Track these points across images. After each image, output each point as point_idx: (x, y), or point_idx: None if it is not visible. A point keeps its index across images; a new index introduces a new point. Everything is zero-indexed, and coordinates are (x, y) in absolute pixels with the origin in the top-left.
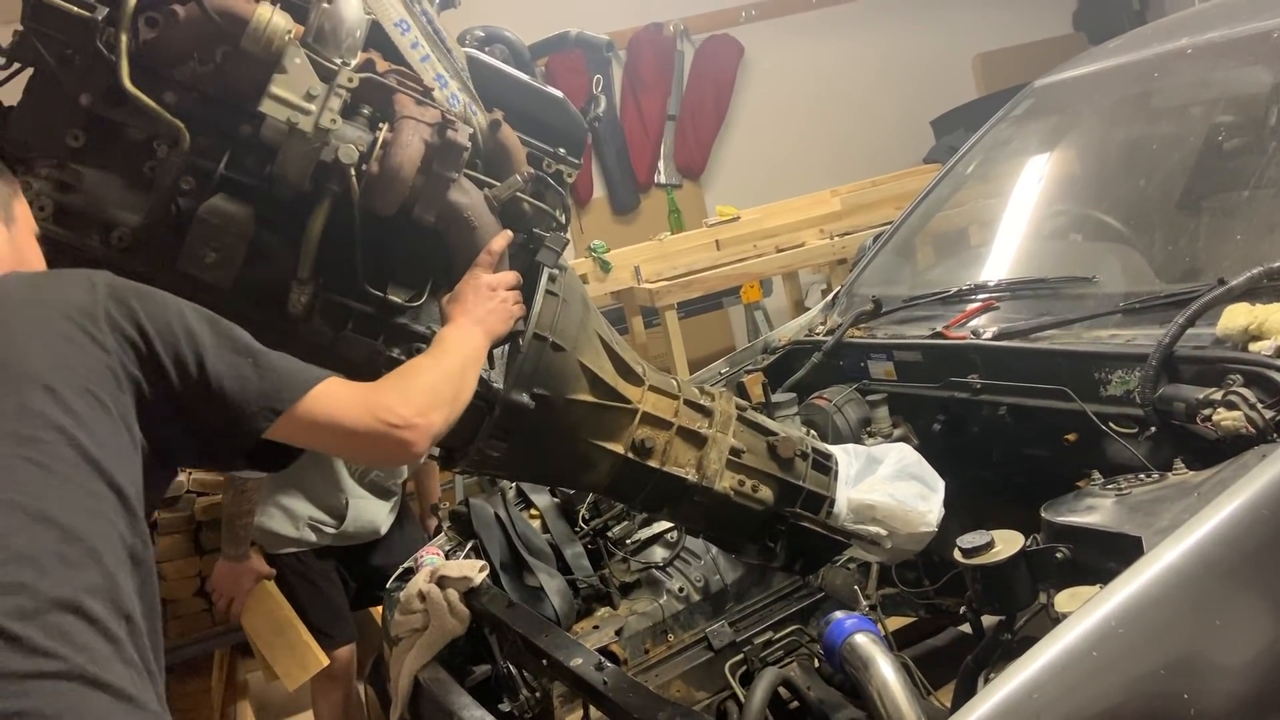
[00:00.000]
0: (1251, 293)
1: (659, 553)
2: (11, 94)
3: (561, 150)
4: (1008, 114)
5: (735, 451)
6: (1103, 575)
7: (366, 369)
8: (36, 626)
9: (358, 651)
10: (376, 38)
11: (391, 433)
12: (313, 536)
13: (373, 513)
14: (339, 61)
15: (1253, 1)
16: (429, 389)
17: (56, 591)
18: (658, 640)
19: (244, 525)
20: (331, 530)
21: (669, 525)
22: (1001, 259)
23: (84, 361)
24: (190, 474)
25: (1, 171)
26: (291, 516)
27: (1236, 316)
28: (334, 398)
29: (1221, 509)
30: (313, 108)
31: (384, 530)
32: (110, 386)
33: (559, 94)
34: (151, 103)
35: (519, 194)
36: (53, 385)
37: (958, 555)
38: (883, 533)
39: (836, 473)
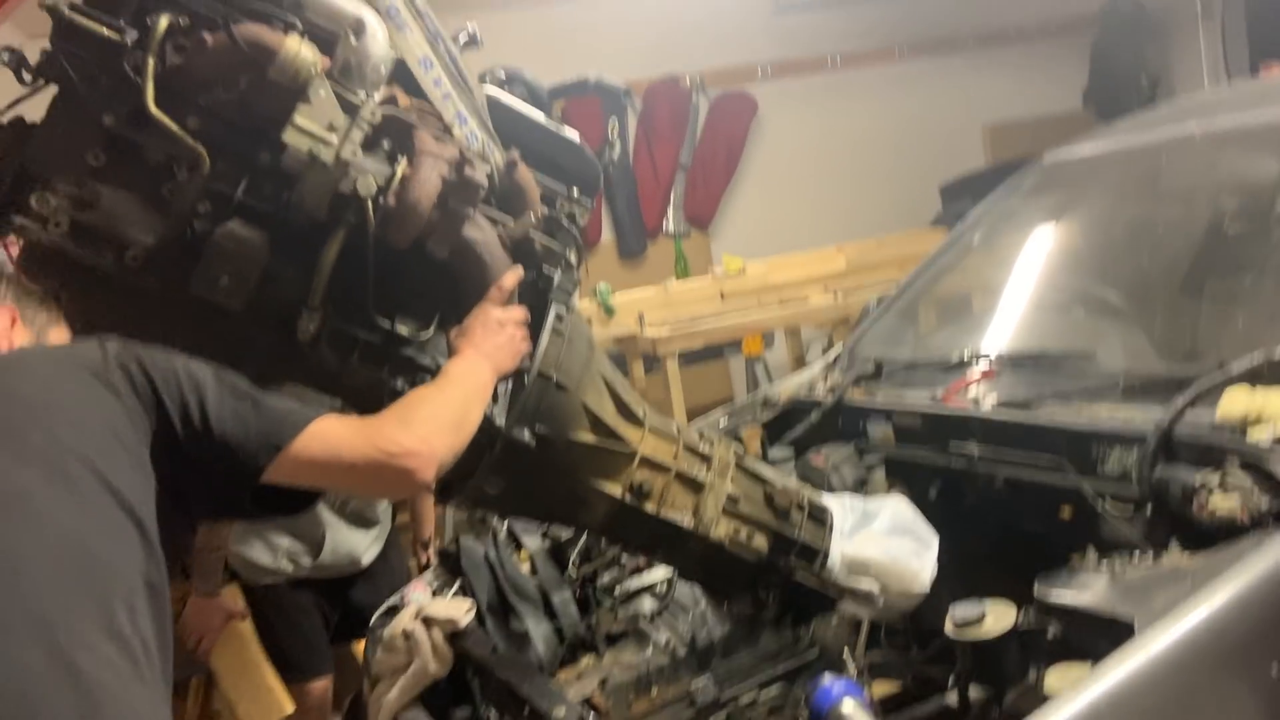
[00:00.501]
0: (1252, 378)
1: (647, 604)
2: (24, 110)
3: (575, 192)
4: (1016, 186)
5: (732, 499)
6: (1093, 654)
7: (371, 399)
8: (70, 643)
9: (338, 687)
10: (400, 73)
11: (392, 461)
12: (289, 567)
13: (352, 543)
14: (362, 95)
15: (1261, 91)
16: (430, 416)
17: (87, 610)
18: (641, 693)
19: (215, 559)
20: (308, 561)
21: (658, 576)
22: (1004, 329)
23: (101, 406)
24: None
25: (44, 299)
26: (270, 546)
27: (1235, 402)
28: (333, 432)
29: (1214, 597)
30: (334, 139)
31: (365, 561)
32: (126, 429)
33: (575, 136)
34: (175, 126)
35: (532, 232)
36: (75, 421)
37: (949, 627)
38: (875, 588)
39: (832, 525)
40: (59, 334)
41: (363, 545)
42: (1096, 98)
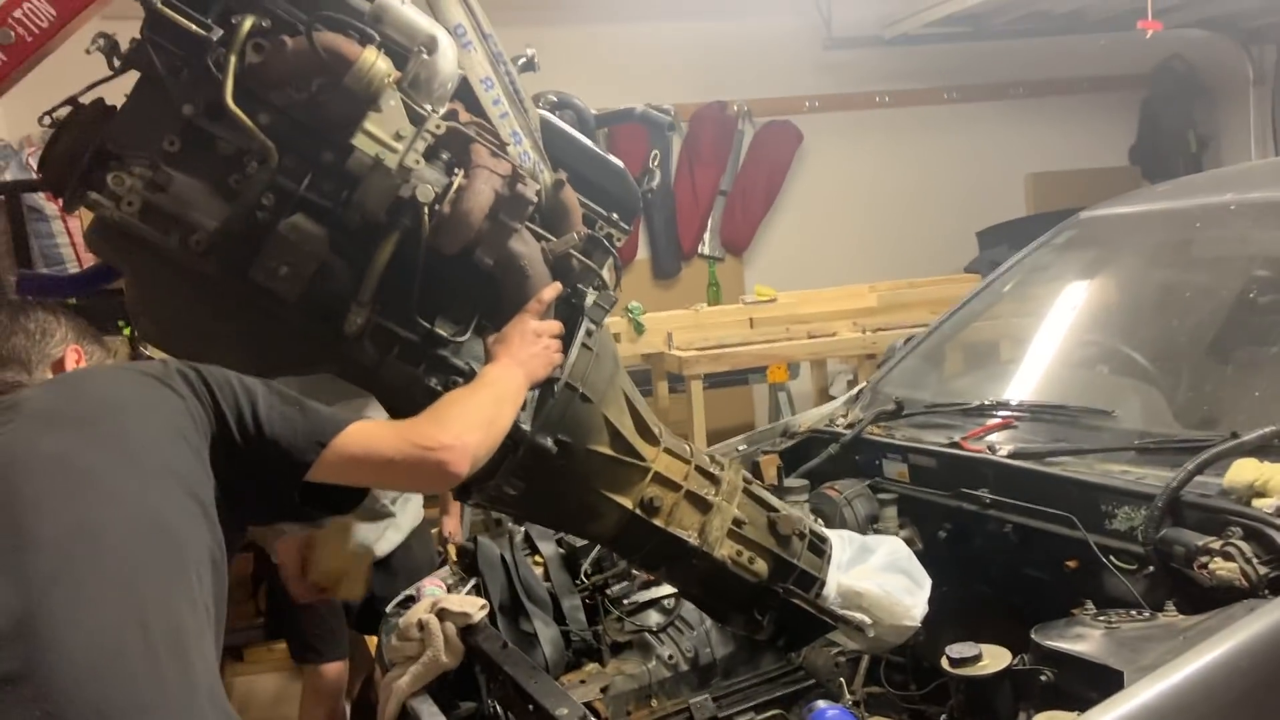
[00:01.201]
0: (1262, 449)
1: (654, 617)
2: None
3: (615, 215)
4: (1050, 240)
5: (737, 522)
6: (1082, 703)
7: (404, 396)
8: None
9: (351, 673)
10: (462, 91)
11: (429, 455)
12: None
13: (360, 536)
14: (428, 108)
15: None
16: (462, 414)
17: (164, 573)
18: (641, 704)
19: None
20: None
21: (667, 590)
22: (1026, 380)
23: (166, 404)
24: None
25: (97, 338)
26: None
27: (1244, 471)
28: (372, 430)
29: (1203, 656)
30: (400, 147)
31: (377, 553)
32: (189, 426)
33: (620, 164)
34: (249, 121)
35: (572, 250)
36: (141, 415)
37: (945, 664)
38: (867, 620)
39: (830, 556)
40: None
41: (371, 538)
42: (1143, 155)
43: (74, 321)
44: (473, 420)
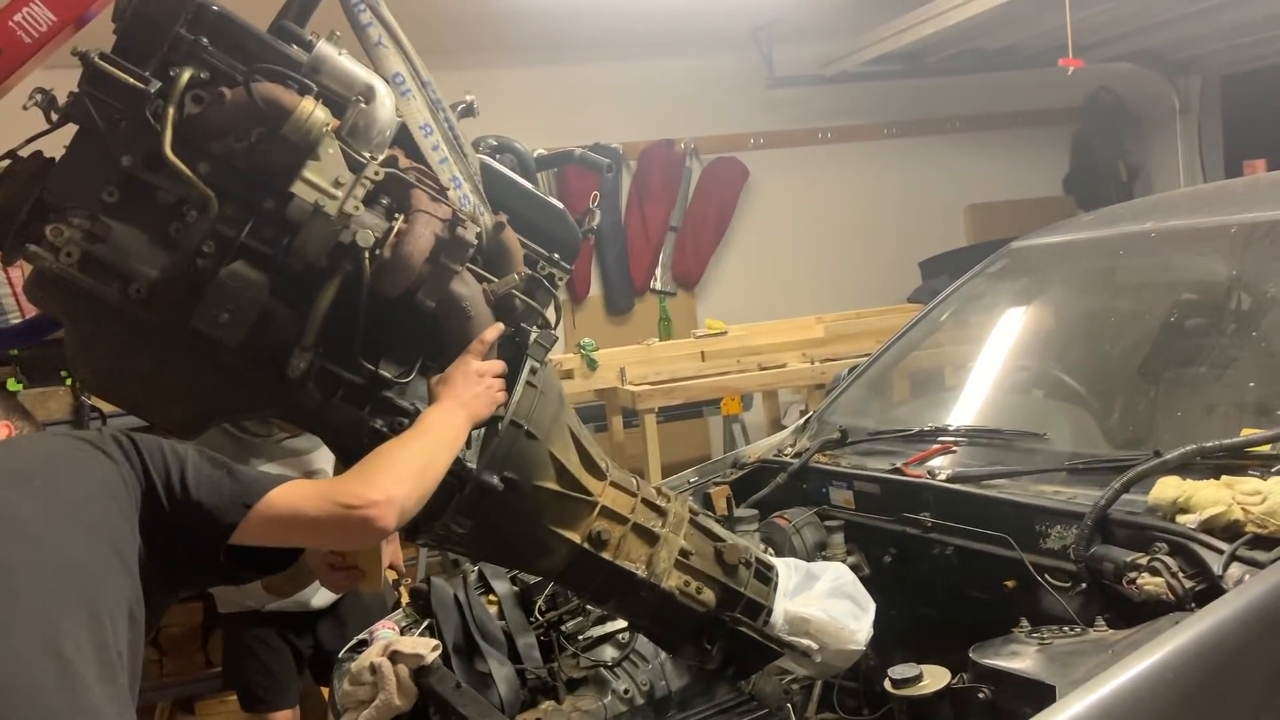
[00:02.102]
0: (1184, 467)
1: (609, 652)
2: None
3: (556, 255)
4: (984, 269)
5: (684, 553)
6: (1018, 718)
7: (350, 437)
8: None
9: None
10: (402, 137)
11: (351, 514)
12: (252, 602)
13: None
14: (367, 155)
15: (1219, 193)
16: (390, 466)
17: (76, 614)
18: None
19: None
20: (257, 598)
21: (622, 624)
22: (964, 406)
23: (99, 468)
24: None
25: (26, 413)
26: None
27: (1167, 489)
28: (297, 491)
29: (1130, 668)
30: (339, 194)
31: (314, 603)
32: (120, 489)
33: (559, 205)
34: (188, 171)
35: (514, 291)
36: (73, 475)
37: (888, 685)
38: (814, 646)
39: (776, 584)
40: None
41: (308, 591)
42: (1076, 185)
43: (4, 399)
44: (401, 471)
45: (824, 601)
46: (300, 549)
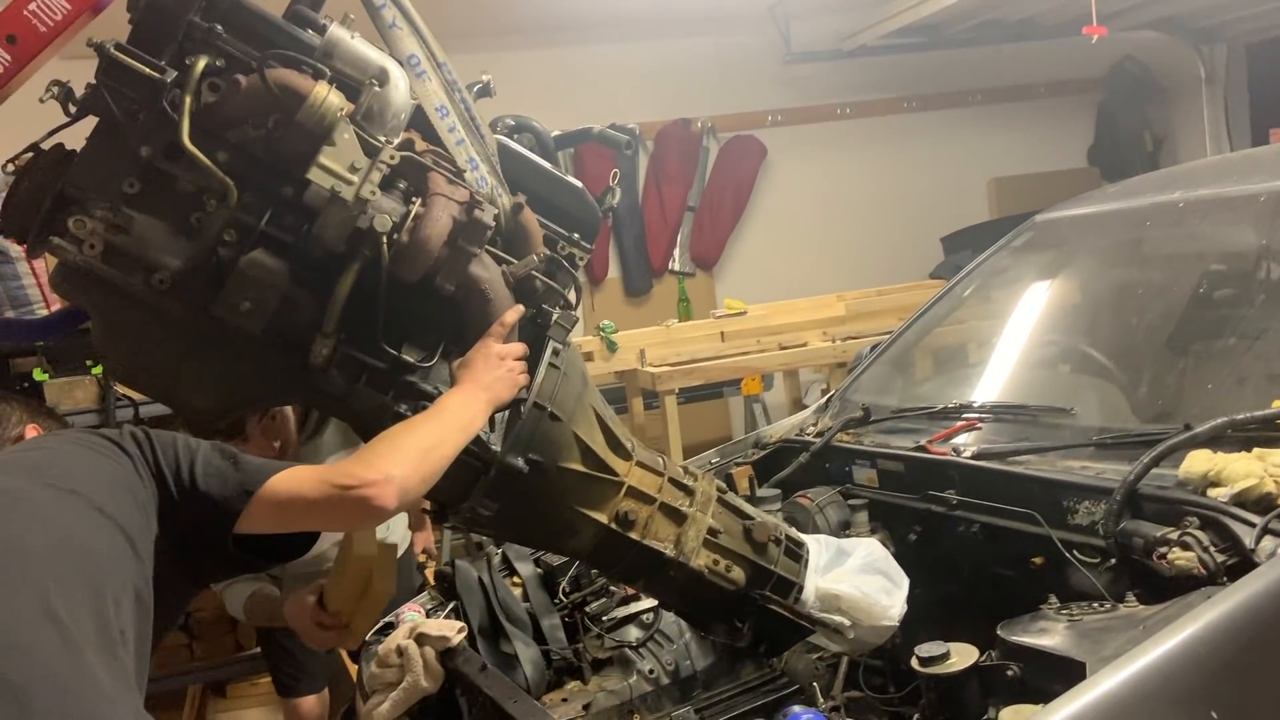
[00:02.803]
0: (1214, 440)
1: (634, 632)
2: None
3: (576, 235)
4: (1008, 243)
5: (713, 531)
6: (1047, 696)
7: (374, 423)
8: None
9: (331, 701)
10: (418, 119)
11: (347, 494)
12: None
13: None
14: (383, 139)
15: (1246, 162)
16: (392, 447)
17: (78, 587)
18: (623, 719)
19: None
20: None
21: (646, 605)
22: (989, 381)
23: (116, 462)
24: None
25: (52, 414)
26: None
27: (1198, 462)
28: (297, 476)
29: (1162, 644)
30: (355, 179)
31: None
32: (136, 483)
33: (578, 184)
34: (206, 160)
35: (534, 272)
36: (89, 469)
37: (914, 663)
38: (846, 623)
39: (807, 561)
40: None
41: (370, 550)
42: (1101, 156)
43: (28, 403)
44: (403, 453)
45: (856, 577)
46: (313, 536)
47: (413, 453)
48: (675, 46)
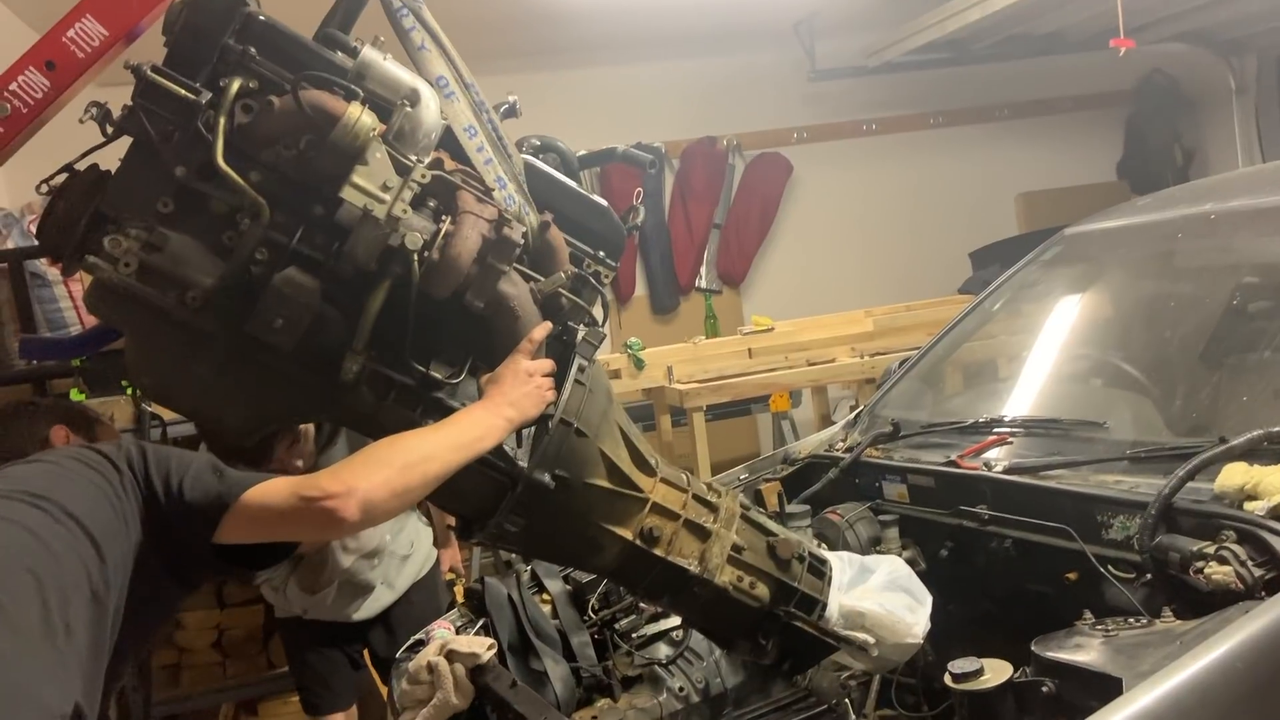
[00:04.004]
0: (1251, 453)
1: (664, 649)
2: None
3: (601, 253)
4: (1037, 257)
5: (737, 548)
6: (1083, 712)
7: None
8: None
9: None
10: (447, 140)
11: (313, 505)
12: (295, 609)
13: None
14: (414, 159)
15: (1279, 174)
16: (368, 462)
17: (20, 573)
18: None
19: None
20: (299, 605)
21: (675, 622)
22: (1020, 396)
23: (100, 473)
24: None
25: (83, 413)
26: (274, 588)
27: (1234, 475)
28: (268, 489)
29: (1200, 659)
30: (387, 198)
31: (354, 616)
32: (120, 493)
33: (603, 203)
34: (240, 180)
35: (560, 289)
36: (69, 477)
37: (948, 680)
38: (870, 640)
39: (830, 578)
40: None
41: (349, 606)
42: (1130, 169)
43: (59, 404)
44: (378, 468)
45: (879, 595)
46: (291, 546)
47: (388, 467)
48: (700, 65)
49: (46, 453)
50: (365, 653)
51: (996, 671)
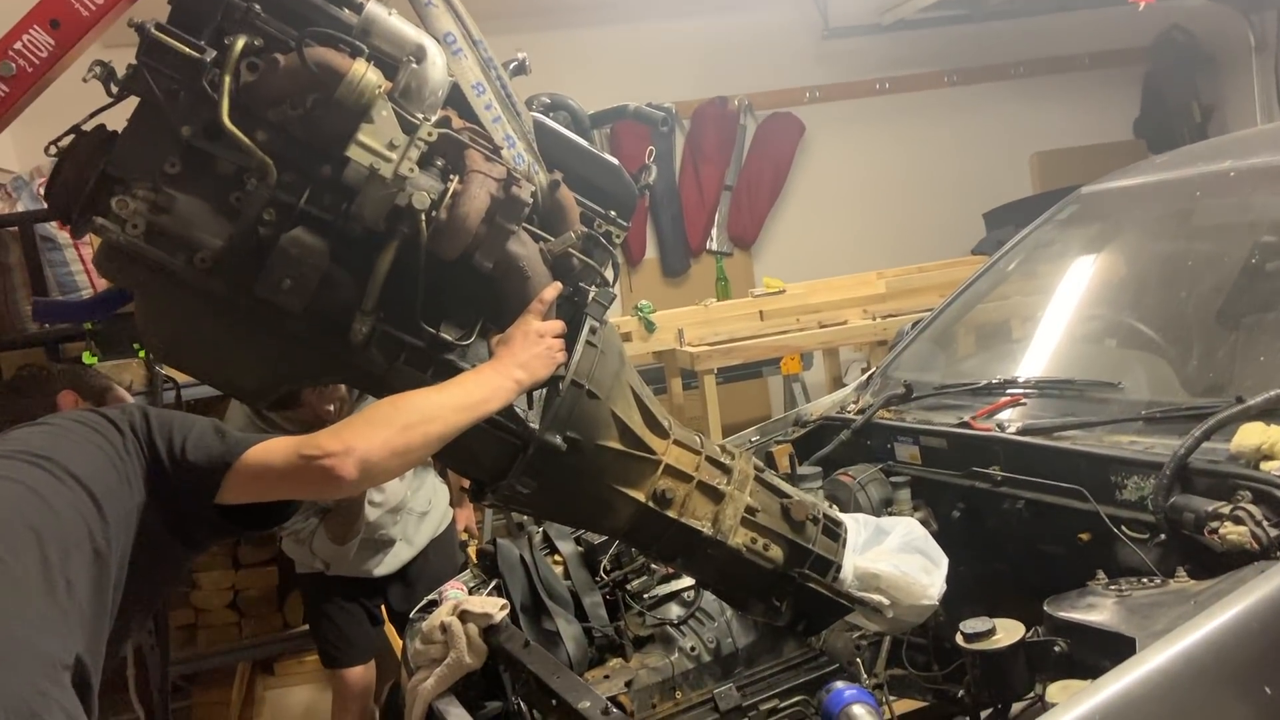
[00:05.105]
0: (1268, 413)
1: (675, 610)
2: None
3: (612, 213)
4: (1053, 216)
5: (750, 510)
6: (1096, 672)
7: None
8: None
9: (377, 677)
10: (454, 97)
11: (311, 464)
12: (318, 564)
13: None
14: (420, 116)
15: None
16: (368, 421)
17: (18, 529)
18: (665, 696)
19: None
20: (322, 560)
21: (687, 583)
22: (1034, 357)
23: (102, 435)
24: None
25: (95, 378)
26: (299, 543)
27: (1250, 435)
28: (269, 447)
29: (1214, 618)
30: (394, 156)
31: (375, 572)
32: (123, 455)
33: (614, 161)
34: (246, 139)
35: (571, 250)
36: (71, 439)
37: (959, 640)
38: (885, 601)
39: (845, 540)
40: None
41: (370, 561)
42: (1147, 128)
43: (71, 369)
44: (378, 428)
45: (894, 557)
46: (293, 507)
47: (388, 427)
48: (711, 23)
49: (50, 416)
50: (383, 609)
51: (1009, 631)
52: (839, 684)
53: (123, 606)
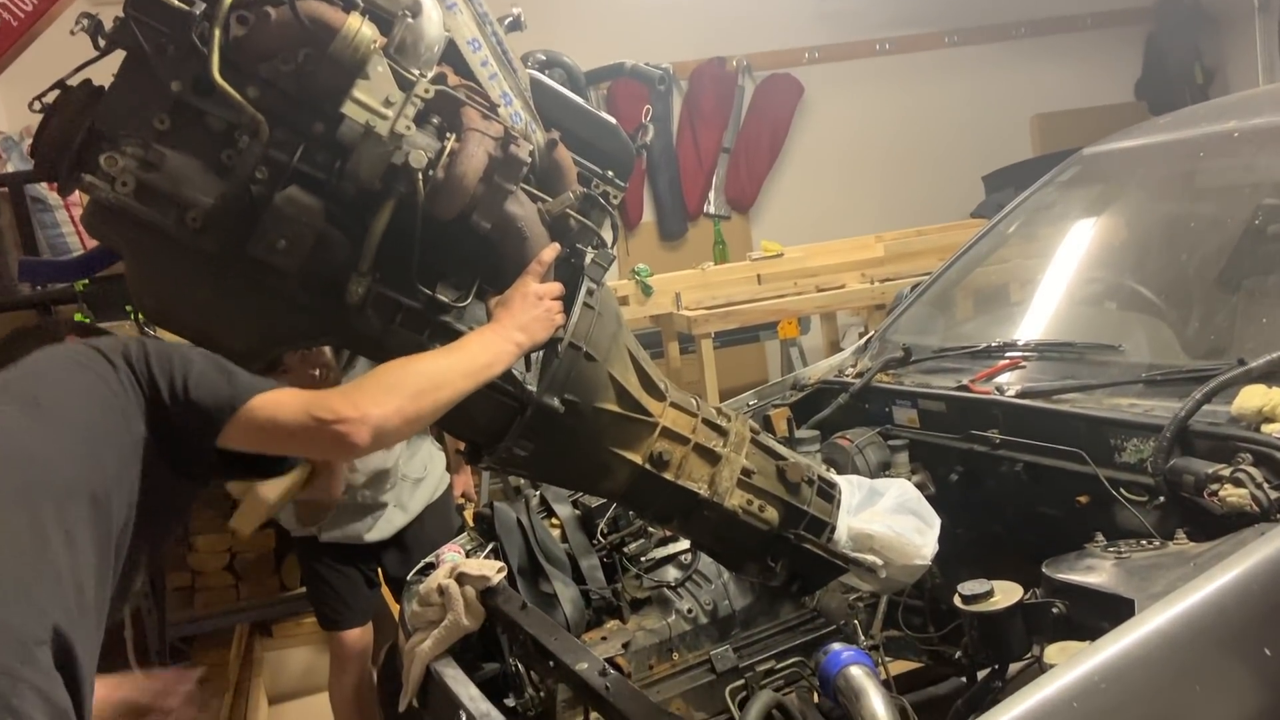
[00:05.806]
0: (1269, 376)
1: (672, 573)
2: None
3: (610, 173)
4: (1054, 178)
5: (746, 472)
6: (1095, 633)
7: None
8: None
9: (375, 639)
10: (450, 54)
11: (324, 428)
12: (312, 529)
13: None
14: (416, 73)
15: None
16: (381, 386)
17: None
18: (663, 658)
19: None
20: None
21: (684, 546)
22: (1033, 319)
23: (102, 376)
24: None
25: (97, 332)
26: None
27: (1252, 398)
28: (280, 399)
29: (1214, 580)
30: (390, 113)
31: (367, 537)
32: (118, 391)
33: (612, 120)
34: (237, 95)
35: (568, 210)
36: (61, 378)
37: (957, 601)
38: (879, 562)
39: (839, 501)
40: None
41: (361, 529)
42: (1149, 89)
43: (74, 325)
44: (393, 393)
45: (888, 517)
46: (293, 460)
47: (400, 395)
48: None
49: (37, 353)
50: (379, 573)
51: (1006, 593)
52: (836, 645)
53: (130, 551)
